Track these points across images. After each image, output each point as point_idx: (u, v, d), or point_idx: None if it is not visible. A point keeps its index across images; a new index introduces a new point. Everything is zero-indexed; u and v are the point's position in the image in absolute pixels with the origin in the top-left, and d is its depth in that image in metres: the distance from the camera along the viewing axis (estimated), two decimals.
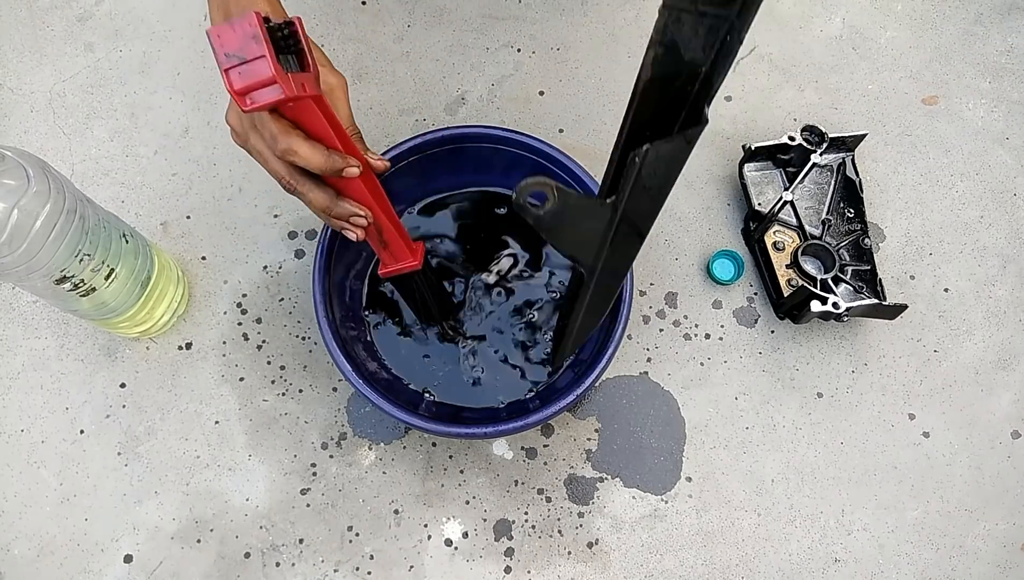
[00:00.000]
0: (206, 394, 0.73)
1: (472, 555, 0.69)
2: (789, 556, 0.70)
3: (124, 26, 0.85)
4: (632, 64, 0.84)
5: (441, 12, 0.86)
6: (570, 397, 0.60)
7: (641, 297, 0.77)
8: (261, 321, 0.75)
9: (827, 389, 0.74)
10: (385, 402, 0.60)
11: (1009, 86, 0.85)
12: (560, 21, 0.86)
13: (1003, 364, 0.76)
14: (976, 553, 0.70)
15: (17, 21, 0.85)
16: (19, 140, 0.80)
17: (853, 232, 0.76)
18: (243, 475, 0.71)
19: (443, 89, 0.84)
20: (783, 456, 0.73)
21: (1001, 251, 0.79)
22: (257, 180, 0.80)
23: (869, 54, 0.86)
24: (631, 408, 0.73)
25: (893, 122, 0.84)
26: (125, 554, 0.69)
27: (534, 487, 0.71)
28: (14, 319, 0.75)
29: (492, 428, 0.60)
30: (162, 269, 0.71)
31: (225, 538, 0.69)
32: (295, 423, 0.72)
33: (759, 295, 0.77)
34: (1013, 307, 0.77)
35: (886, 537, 0.71)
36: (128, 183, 0.80)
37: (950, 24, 0.87)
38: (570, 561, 0.69)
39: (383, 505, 0.70)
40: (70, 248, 0.57)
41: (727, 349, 0.75)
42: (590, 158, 0.80)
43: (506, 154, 0.70)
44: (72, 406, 0.72)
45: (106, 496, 0.70)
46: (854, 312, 0.70)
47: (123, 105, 0.82)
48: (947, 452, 0.73)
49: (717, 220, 0.80)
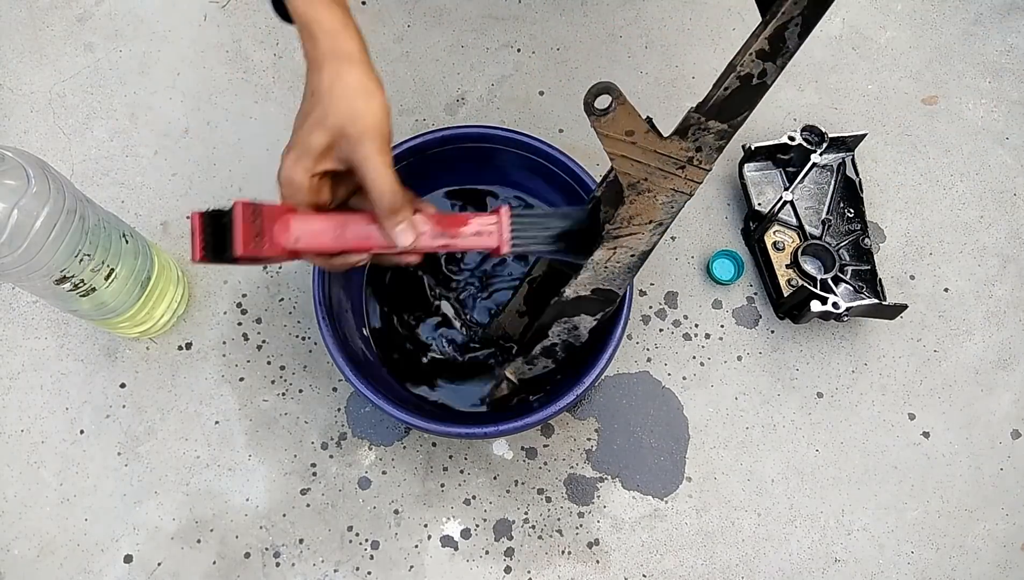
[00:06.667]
0: (206, 394, 0.73)
1: (472, 555, 0.69)
2: (789, 556, 0.70)
3: (124, 26, 0.85)
4: (632, 64, 0.84)
5: (441, 12, 0.86)
6: (570, 397, 0.60)
7: (641, 297, 0.77)
8: (261, 321, 0.75)
9: (827, 389, 0.74)
10: (385, 402, 0.60)
11: (1009, 86, 0.85)
12: (560, 21, 0.86)
13: (1003, 364, 0.76)
14: (976, 553, 0.70)
15: (17, 21, 0.85)
16: (19, 140, 0.80)
17: (853, 232, 0.76)
18: (243, 475, 0.71)
19: (443, 89, 0.84)
20: (783, 456, 0.73)
21: (1001, 251, 0.79)
22: (257, 180, 0.80)
23: (869, 54, 0.86)
24: (631, 408, 0.73)
25: (893, 122, 0.84)
26: (125, 554, 0.69)
27: (534, 487, 0.71)
28: (14, 319, 0.75)
29: (492, 428, 0.60)
30: (162, 269, 0.71)
31: (225, 538, 0.69)
32: (295, 423, 0.72)
33: (759, 295, 0.77)
34: (1013, 307, 0.77)
35: (886, 537, 0.71)
36: (128, 183, 0.79)
37: (950, 24, 0.87)
38: (570, 561, 0.69)
39: (383, 505, 0.70)
40: (70, 248, 0.57)
41: (727, 349, 0.75)
42: (590, 158, 0.80)
43: (506, 154, 0.70)
44: (72, 406, 0.72)
45: (106, 496, 0.70)
46: (854, 312, 0.70)
47: (123, 105, 0.82)
48: (947, 452, 0.73)
49: (717, 220, 0.80)
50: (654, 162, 0.51)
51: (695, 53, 0.85)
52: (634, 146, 0.50)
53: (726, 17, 0.86)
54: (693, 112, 0.51)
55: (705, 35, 0.86)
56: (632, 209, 0.54)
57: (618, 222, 0.54)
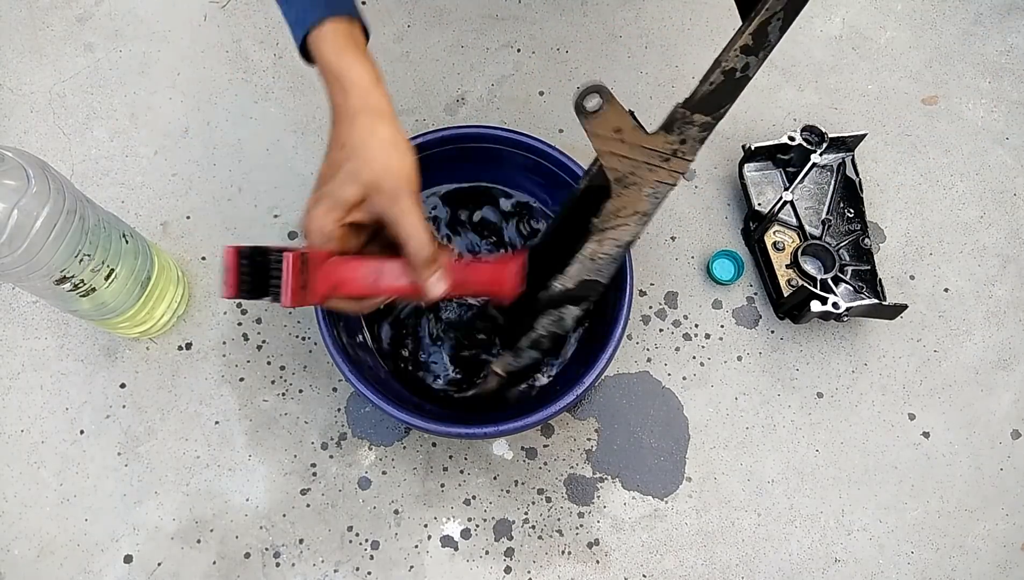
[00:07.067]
0: (206, 394, 0.73)
1: (472, 555, 0.69)
2: (789, 556, 0.70)
3: (124, 26, 0.85)
4: (632, 64, 0.84)
5: (441, 12, 0.86)
6: (570, 397, 0.60)
7: (641, 297, 0.77)
8: (261, 321, 0.75)
9: (827, 389, 0.74)
10: (385, 402, 0.60)
11: (1009, 86, 0.85)
12: (560, 21, 0.86)
13: (1003, 364, 0.76)
14: (976, 553, 0.70)
15: (17, 21, 0.85)
16: (19, 140, 0.80)
17: (853, 232, 0.76)
18: (243, 475, 0.71)
19: (443, 89, 0.84)
20: (783, 456, 0.73)
21: (1001, 251, 0.79)
22: (257, 180, 0.80)
23: (869, 54, 0.86)
24: (631, 408, 0.73)
25: (893, 122, 0.84)
26: (125, 554, 0.69)
27: (534, 487, 0.71)
28: (14, 319, 0.75)
29: (492, 428, 0.60)
30: (162, 269, 0.71)
31: (225, 538, 0.69)
32: (295, 423, 0.72)
33: (759, 295, 0.77)
34: (1013, 307, 0.77)
35: (886, 537, 0.71)
36: (128, 183, 0.80)
37: (950, 24, 0.87)
38: (570, 561, 0.69)
39: (383, 505, 0.70)
40: (70, 248, 0.57)
41: (727, 349, 0.75)
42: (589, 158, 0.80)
43: (506, 154, 0.70)
44: (72, 406, 0.72)
45: (106, 496, 0.70)
46: (854, 312, 0.70)
47: (123, 105, 0.82)
48: (947, 452, 0.73)
49: (717, 220, 0.80)
50: (640, 157, 0.53)
51: (695, 53, 0.85)
52: (622, 143, 0.52)
53: (726, 17, 0.86)
54: (680, 107, 0.52)
55: (705, 35, 0.86)
56: (619, 202, 0.55)
57: (606, 215, 0.56)
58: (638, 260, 0.76)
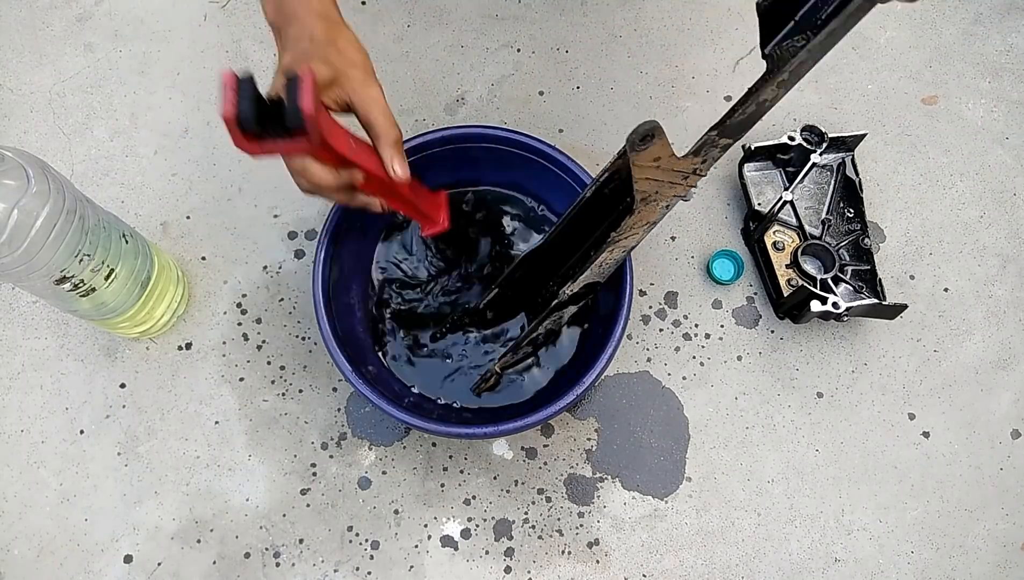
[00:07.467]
0: (206, 394, 0.73)
1: (472, 555, 0.69)
2: (789, 556, 0.70)
3: (124, 26, 0.85)
4: (632, 64, 0.84)
5: (441, 12, 0.86)
6: (570, 397, 0.60)
7: (641, 297, 0.77)
8: (261, 321, 0.75)
9: (827, 389, 0.74)
10: (385, 402, 0.60)
11: (1009, 86, 0.85)
12: (560, 21, 0.86)
13: (1003, 364, 0.76)
14: (976, 553, 0.70)
15: (17, 21, 0.85)
16: (19, 140, 0.81)
17: (853, 232, 0.76)
18: (243, 475, 0.71)
19: (443, 89, 0.84)
20: (783, 456, 0.73)
21: (1001, 251, 0.79)
22: (257, 180, 0.80)
23: (869, 54, 0.86)
24: (631, 408, 0.73)
25: (893, 122, 0.84)
26: (125, 554, 0.69)
27: (534, 487, 0.71)
28: (14, 319, 0.75)
29: (492, 428, 0.60)
30: (162, 269, 0.71)
31: (225, 538, 0.69)
32: (295, 423, 0.72)
33: (759, 295, 0.77)
34: (1013, 307, 0.77)
35: (886, 537, 0.71)
36: (128, 183, 0.80)
37: (950, 24, 0.87)
38: (570, 561, 0.69)
39: (383, 505, 0.70)
40: (70, 248, 0.57)
41: (727, 349, 0.75)
42: (590, 158, 0.80)
43: (506, 154, 0.70)
44: (72, 406, 0.72)
45: (106, 496, 0.70)
46: (854, 312, 0.70)
47: (123, 105, 0.82)
48: (947, 452, 0.73)
49: (717, 220, 0.80)
50: (668, 178, 0.56)
51: (695, 53, 0.85)
52: (658, 169, 0.55)
53: (726, 17, 0.86)
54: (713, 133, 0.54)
55: (705, 35, 0.86)
56: (638, 217, 0.58)
57: (624, 229, 0.58)
58: (638, 260, 0.76)
